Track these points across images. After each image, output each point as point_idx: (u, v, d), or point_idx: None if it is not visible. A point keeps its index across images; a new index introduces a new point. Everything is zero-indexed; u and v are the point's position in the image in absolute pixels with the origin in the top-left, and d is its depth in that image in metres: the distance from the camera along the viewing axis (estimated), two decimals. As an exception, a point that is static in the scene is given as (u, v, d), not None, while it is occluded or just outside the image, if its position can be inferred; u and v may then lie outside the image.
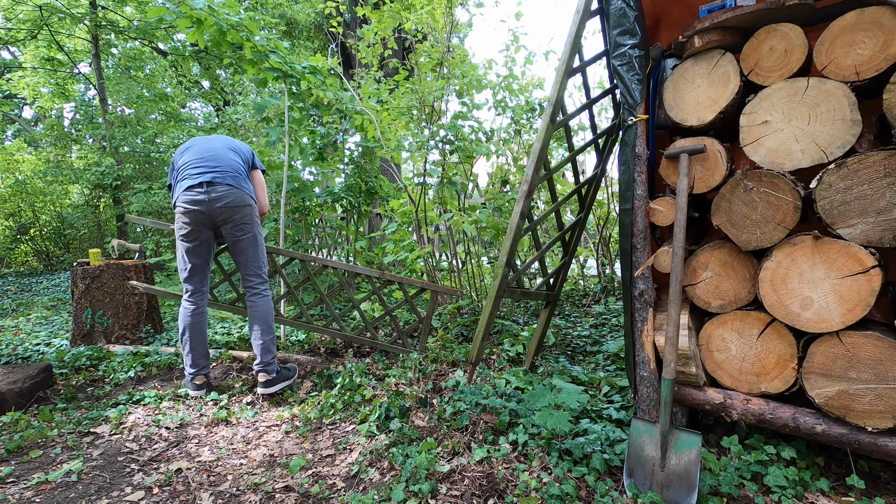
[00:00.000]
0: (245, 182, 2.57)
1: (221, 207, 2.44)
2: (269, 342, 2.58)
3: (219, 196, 2.43)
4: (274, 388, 2.55)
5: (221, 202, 2.44)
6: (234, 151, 2.63)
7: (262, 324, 2.57)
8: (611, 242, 5.07)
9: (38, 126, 14.25)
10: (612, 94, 2.56)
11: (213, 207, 2.44)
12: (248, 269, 2.61)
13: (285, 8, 10.45)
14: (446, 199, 4.04)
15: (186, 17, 2.69)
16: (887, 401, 1.43)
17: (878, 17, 1.48)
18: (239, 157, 2.63)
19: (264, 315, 2.59)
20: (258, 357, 2.55)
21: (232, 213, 2.48)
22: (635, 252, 1.89)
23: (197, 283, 2.62)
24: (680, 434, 1.60)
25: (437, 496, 1.60)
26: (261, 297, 2.61)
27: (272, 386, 2.54)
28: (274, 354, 2.58)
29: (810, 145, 1.58)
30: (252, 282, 2.62)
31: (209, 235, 2.56)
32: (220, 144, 2.62)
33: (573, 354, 3.08)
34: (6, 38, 9.27)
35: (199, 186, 2.43)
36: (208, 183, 2.43)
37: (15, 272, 8.98)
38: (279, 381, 2.58)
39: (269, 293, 2.65)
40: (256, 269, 2.62)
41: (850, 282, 1.47)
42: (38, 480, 1.77)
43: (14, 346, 3.50)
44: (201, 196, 2.42)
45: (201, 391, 2.60)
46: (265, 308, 2.60)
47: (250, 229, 2.56)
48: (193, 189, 2.43)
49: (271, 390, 2.54)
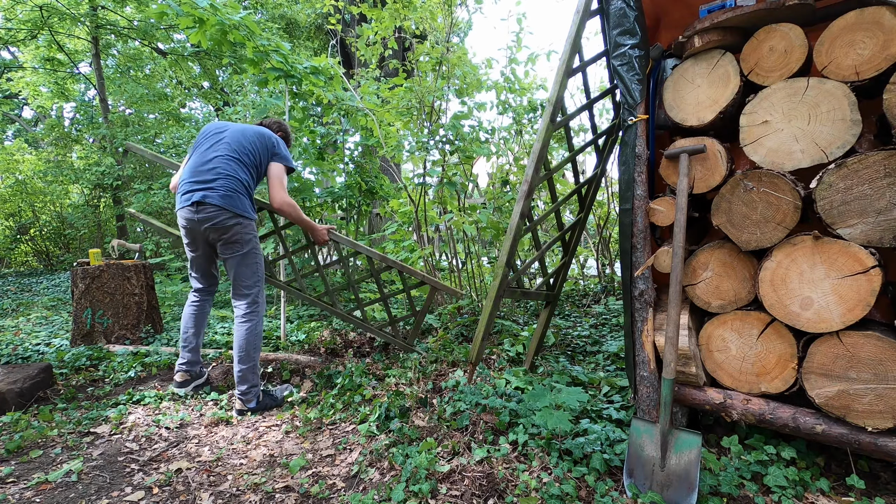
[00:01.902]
0: (240, 197, 2.39)
1: (209, 228, 2.34)
2: (248, 371, 2.40)
3: (206, 217, 2.33)
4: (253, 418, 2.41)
5: (208, 223, 2.33)
6: (241, 156, 2.44)
7: (239, 351, 2.39)
8: (611, 242, 5.07)
9: (38, 126, 14.26)
10: (612, 94, 2.56)
11: (202, 228, 2.35)
12: (237, 288, 2.46)
13: (285, 8, 10.45)
14: (446, 200, 4.04)
15: (188, 17, 2.69)
16: (887, 401, 1.44)
17: (878, 17, 1.48)
18: (244, 162, 2.44)
19: (243, 342, 2.40)
20: (236, 385, 2.43)
21: (220, 233, 2.36)
22: (635, 252, 1.89)
23: (202, 284, 2.63)
24: (680, 434, 1.60)
25: (437, 496, 1.60)
26: (243, 322, 2.42)
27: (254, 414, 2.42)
28: (252, 384, 2.42)
29: (810, 145, 1.58)
30: (238, 303, 2.46)
31: (208, 249, 2.49)
32: (225, 150, 2.43)
33: (573, 354, 3.08)
34: (6, 38, 9.27)
35: (190, 206, 2.34)
36: (198, 203, 2.32)
37: (15, 272, 8.98)
38: (258, 410, 2.44)
39: (255, 318, 2.45)
40: (245, 288, 2.45)
41: (850, 282, 1.47)
42: (38, 480, 1.77)
43: (14, 346, 3.50)
44: (190, 215, 2.35)
45: (183, 388, 2.57)
46: (245, 336, 2.41)
47: (239, 248, 2.40)
48: (185, 207, 2.36)
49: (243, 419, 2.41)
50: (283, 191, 2.51)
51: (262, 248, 2.57)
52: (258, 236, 2.56)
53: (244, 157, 2.45)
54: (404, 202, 4.09)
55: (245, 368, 2.40)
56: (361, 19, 8.75)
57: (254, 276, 2.48)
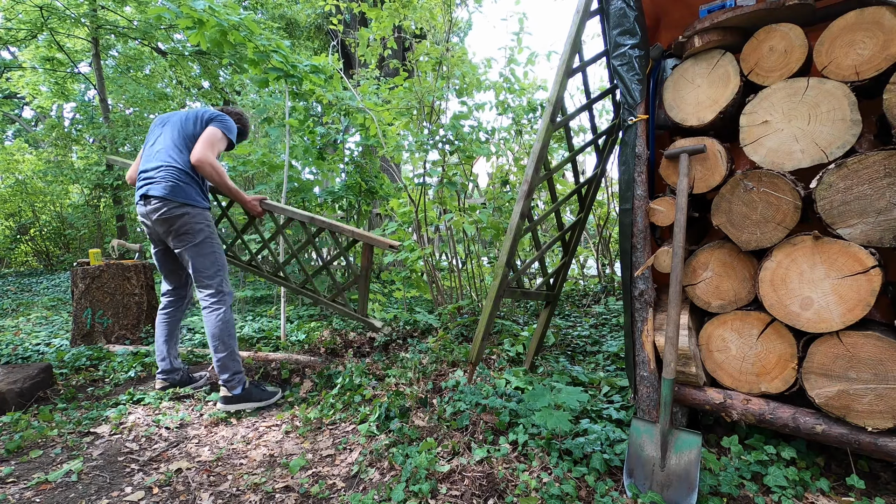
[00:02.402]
0: (184, 186, 2.32)
1: (157, 220, 2.31)
2: (227, 359, 2.38)
3: (153, 209, 2.29)
4: (235, 405, 2.39)
5: (156, 215, 2.30)
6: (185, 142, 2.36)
7: (213, 341, 2.37)
8: (611, 242, 5.07)
9: (38, 126, 14.25)
10: (612, 94, 2.56)
11: (152, 221, 2.33)
12: (198, 280, 2.38)
13: (285, 8, 10.45)
14: (446, 200, 4.04)
15: (187, 18, 2.69)
16: (887, 401, 1.43)
17: (878, 17, 1.48)
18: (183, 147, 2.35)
19: (214, 332, 2.36)
20: (217, 376, 2.42)
21: (168, 224, 2.31)
22: (635, 252, 1.89)
23: (168, 285, 2.62)
24: (680, 434, 1.60)
25: (437, 496, 1.60)
26: (210, 312, 2.37)
27: (232, 403, 2.39)
28: (234, 371, 2.40)
29: (810, 145, 1.58)
30: (201, 294, 2.39)
31: (165, 245, 2.47)
32: (168, 139, 2.37)
33: (573, 354, 3.08)
34: (6, 38, 9.27)
35: (140, 201, 2.33)
36: (144, 196, 2.31)
37: (15, 272, 8.98)
38: (243, 399, 2.41)
39: (221, 306, 2.39)
40: (206, 279, 2.37)
41: (850, 282, 1.47)
42: (38, 480, 1.77)
43: (14, 346, 3.50)
44: (142, 209, 2.33)
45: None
46: (215, 324, 2.36)
47: (191, 238, 2.33)
48: (138, 203, 2.35)
49: (230, 407, 2.39)
50: (208, 150, 2.32)
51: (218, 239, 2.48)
52: (212, 224, 2.47)
53: (189, 143, 2.38)
54: (404, 202, 4.09)
55: (223, 356, 2.37)
56: (362, 19, 8.76)
57: (213, 265, 2.39)
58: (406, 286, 4.10)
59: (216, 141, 2.36)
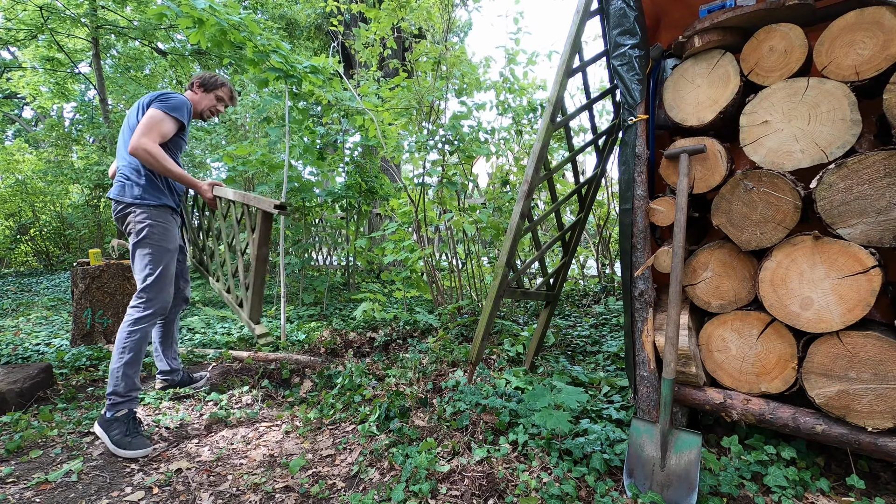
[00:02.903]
0: (131, 184, 2.22)
1: (115, 220, 2.30)
2: (115, 371, 2.07)
3: (113, 209, 2.29)
4: (99, 429, 2.04)
5: (114, 216, 2.29)
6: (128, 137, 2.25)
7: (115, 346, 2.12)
8: (611, 242, 5.07)
9: (38, 126, 14.26)
10: (612, 94, 2.56)
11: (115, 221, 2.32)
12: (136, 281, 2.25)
13: (285, 8, 10.46)
14: (446, 200, 4.04)
15: (187, 17, 2.69)
16: (887, 401, 1.43)
17: (878, 17, 1.48)
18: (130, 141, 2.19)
19: (119, 336, 2.12)
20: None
21: (120, 224, 2.29)
22: (635, 252, 1.89)
23: None
24: (680, 434, 1.60)
25: (437, 496, 1.60)
26: (127, 316, 2.16)
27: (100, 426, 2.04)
28: (115, 390, 2.05)
29: (810, 145, 1.58)
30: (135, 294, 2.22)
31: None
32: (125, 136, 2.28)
33: (573, 354, 3.08)
34: (6, 38, 9.27)
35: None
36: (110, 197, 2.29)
37: (15, 272, 8.98)
38: (107, 429, 2.01)
39: (136, 313, 2.14)
40: (139, 281, 2.21)
41: (850, 282, 1.47)
42: (38, 480, 1.77)
43: (14, 346, 3.50)
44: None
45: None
46: (122, 329, 2.13)
47: (133, 237, 2.22)
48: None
49: (96, 429, 2.05)
50: (143, 136, 2.13)
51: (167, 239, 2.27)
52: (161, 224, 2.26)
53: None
54: (404, 202, 4.09)
55: (113, 367, 2.09)
56: (363, 20, 8.76)
57: (145, 269, 2.19)
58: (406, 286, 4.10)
59: (154, 124, 2.17)
